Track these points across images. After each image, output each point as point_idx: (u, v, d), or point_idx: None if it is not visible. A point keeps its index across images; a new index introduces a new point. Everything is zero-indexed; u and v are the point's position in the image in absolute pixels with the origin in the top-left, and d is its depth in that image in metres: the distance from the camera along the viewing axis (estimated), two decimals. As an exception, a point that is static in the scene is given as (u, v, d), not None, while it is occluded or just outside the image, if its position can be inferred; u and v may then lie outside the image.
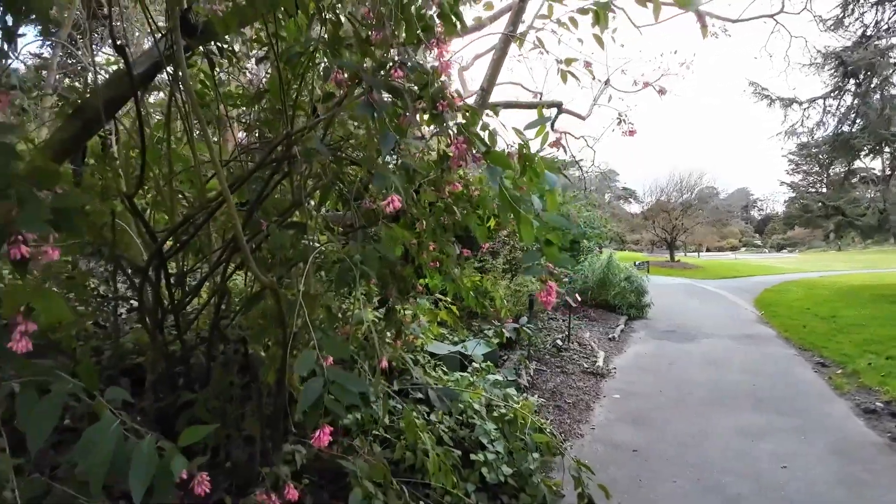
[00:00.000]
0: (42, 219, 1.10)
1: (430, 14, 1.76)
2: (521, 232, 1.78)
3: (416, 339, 4.96)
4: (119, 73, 2.06)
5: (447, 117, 1.69)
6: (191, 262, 2.63)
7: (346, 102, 1.87)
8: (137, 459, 1.24)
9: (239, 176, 2.20)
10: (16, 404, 1.18)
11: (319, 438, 1.37)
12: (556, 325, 10.14)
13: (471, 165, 2.08)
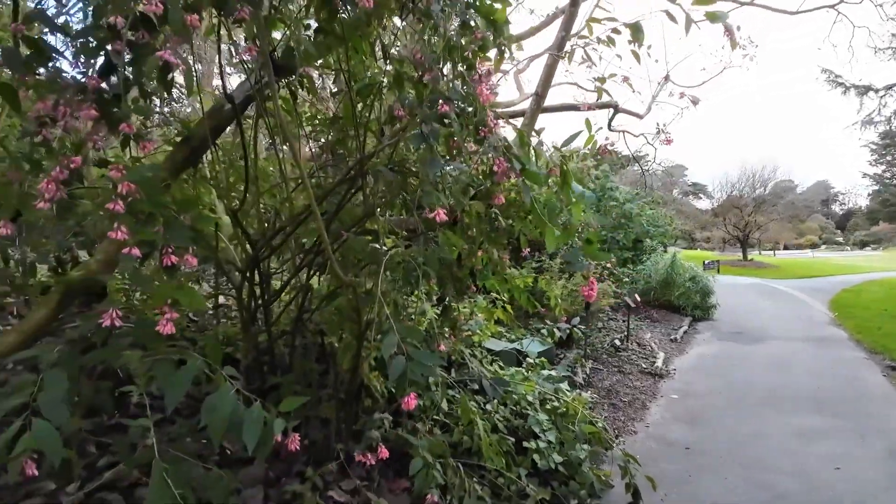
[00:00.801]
0: (185, 236, 1.47)
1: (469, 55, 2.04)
2: (547, 240, 2.02)
3: (473, 335, 5.24)
4: (218, 106, 2.45)
5: (490, 141, 1.97)
6: (274, 265, 3.03)
7: (408, 128, 2.17)
8: (249, 419, 1.59)
9: (325, 190, 2.57)
10: (157, 374, 1.56)
11: (408, 402, 1.71)
12: (616, 326, 10.14)
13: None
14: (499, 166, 1.96)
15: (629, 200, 15.52)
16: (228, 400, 1.58)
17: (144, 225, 1.42)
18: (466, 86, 2.02)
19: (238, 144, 2.66)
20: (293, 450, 1.77)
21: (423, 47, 1.98)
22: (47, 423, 1.38)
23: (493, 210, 2.45)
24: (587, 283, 2.06)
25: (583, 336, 7.75)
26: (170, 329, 1.48)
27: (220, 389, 1.61)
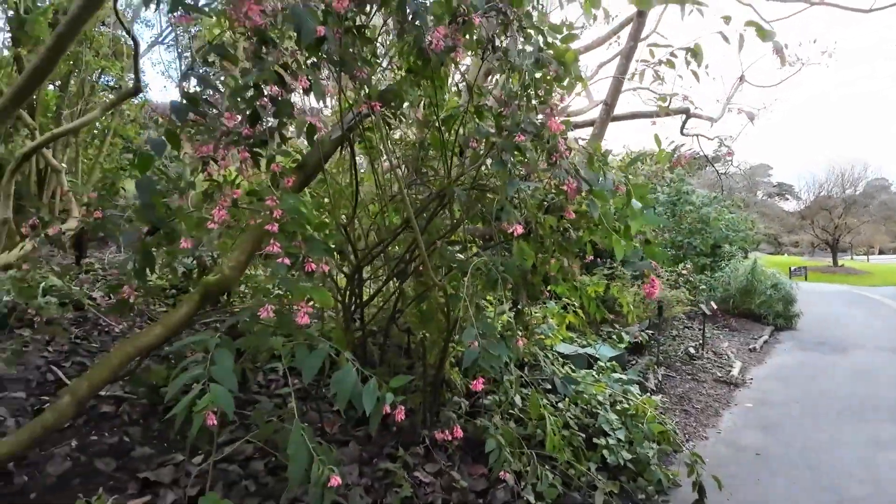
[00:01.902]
0: (320, 250, 1.87)
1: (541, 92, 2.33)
2: (616, 251, 2.27)
3: (546, 339, 5.47)
4: (325, 137, 2.87)
5: (560, 164, 2.26)
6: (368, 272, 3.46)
7: (487, 153, 2.50)
8: (367, 391, 1.98)
9: (419, 207, 2.96)
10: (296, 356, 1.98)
11: (476, 385, 2.04)
12: (692, 334, 9.99)
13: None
14: (569, 186, 2.25)
15: (707, 204, 15.08)
16: (351, 375, 1.98)
17: (289, 239, 1.84)
18: (539, 118, 2.32)
19: (341, 169, 3.09)
20: (399, 419, 2.11)
21: (502, 84, 2.31)
22: (222, 387, 1.81)
23: (565, 222, 2.71)
24: (648, 280, 2.30)
25: (652, 341, 7.76)
26: (306, 320, 1.88)
27: (345, 368, 2.01)
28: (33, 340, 3.80)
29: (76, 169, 7.41)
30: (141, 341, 2.66)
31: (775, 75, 14.09)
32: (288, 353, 1.99)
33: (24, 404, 3.14)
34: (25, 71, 2.97)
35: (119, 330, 4.21)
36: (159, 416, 3.20)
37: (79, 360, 3.80)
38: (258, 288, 3.13)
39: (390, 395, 2.03)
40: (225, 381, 1.81)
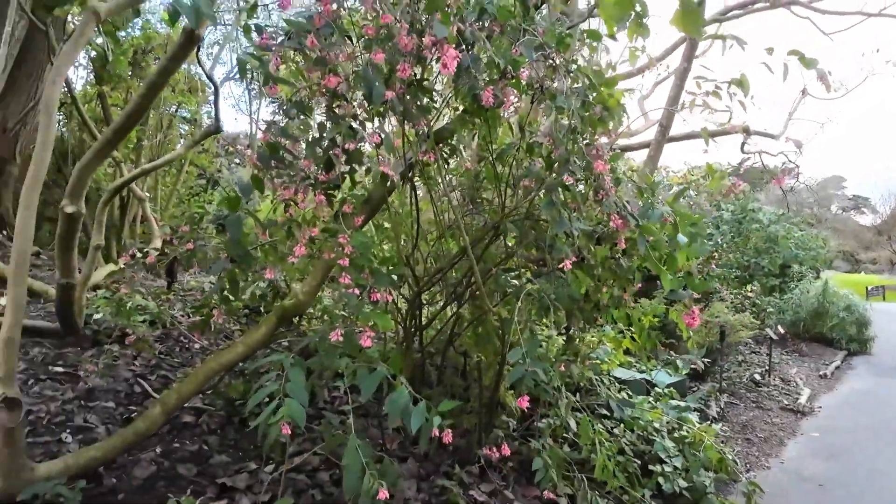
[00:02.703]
0: (385, 282, 2.06)
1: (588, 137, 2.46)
2: (663, 282, 2.34)
3: (601, 363, 5.46)
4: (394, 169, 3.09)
5: (607, 201, 2.37)
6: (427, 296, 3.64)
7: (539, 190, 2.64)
8: (416, 412, 2.14)
9: (475, 237, 3.13)
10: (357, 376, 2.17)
11: (521, 402, 2.16)
12: (759, 360, 9.61)
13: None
14: (614, 222, 2.37)
15: (774, 222, 14.48)
16: (404, 397, 2.15)
17: (358, 271, 2.05)
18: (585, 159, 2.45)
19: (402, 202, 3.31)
20: (447, 441, 2.25)
21: (552, 122, 2.45)
22: (295, 401, 2.02)
23: (617, 250, 2.80)
24: (689, 311, 2.35)
25: (715, 367, 7.55)
26: (368, 343, 2.08)
27: (398, 390, 2.18)
28: (122, 355, 4.18)
29: (155, 195, 8.06)
30: (224, 358, 2.94)
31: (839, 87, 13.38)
32: (350, 373, 2.18)
33: (113, 413, 3.46)
34: (121, 114, 3.36)
35: (198, 346, 4.56)
36: (236, 427, 3.47)
37: (163, 373, 4.15)
38: (329, 312, 3.38)
39: (438, 419, 2.19)
40: (297, 396, 2.03)
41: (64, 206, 3.40)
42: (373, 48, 2.09)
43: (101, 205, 4.26)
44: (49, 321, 4.41)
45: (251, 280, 3.11)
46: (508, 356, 2.21)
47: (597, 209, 3.05)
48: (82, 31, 2.59)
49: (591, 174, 2.42)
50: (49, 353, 4.02)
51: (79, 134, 7.46)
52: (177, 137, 9.08)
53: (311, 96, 2.27)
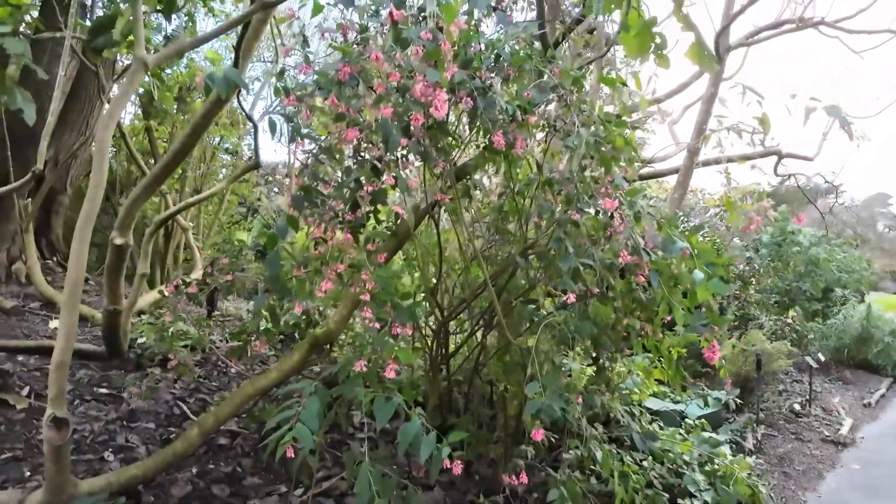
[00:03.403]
0: (406, 316, 2.18)
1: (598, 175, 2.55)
2: (675, 317, 2.37)
3: (632, 394, 5.40)
4: (415, 207, 3.21)
5: (615, 238, 2.44)
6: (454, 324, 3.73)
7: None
8: (425, 442, 2.22)
9: (497, 270, 3.22)
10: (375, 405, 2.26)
11: (536, 434, 2.21)
12: (800, 388, 9.29)
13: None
14: (623, 258, 2.43)
15: (815, 244, 14.05)
16: (415, 427, 2.24)
17: (380, 306, 2.16)
18: (594, 197, 2.53)
19: (428, 234, 3.44)
20: (457, 472, 2.31)
21: (569, 159, 2.55)
22: (306, 427, 2.13)
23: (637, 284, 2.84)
24: (709, 345, 2.37)
25: (746, 399, 7.33)
26: (392, 374, 2.18)
27: (412, 420, 2.27)
28: (164, 378, 4.38)
29: (198, 224, 8.42)
30: (260, 383, 3.08)
31: (874, 104, 13.07)
32: (367, 402, 2.29)
33: (153, 434, 3.63)
34: (168, 154, 3.60)
35: (235, 371, 4.74)
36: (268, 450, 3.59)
37: (201, 396, 4.33)
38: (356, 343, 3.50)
39: (446, 450, 2.26)
40: (309, 423, 2.14)
41: (113, 238, 3.63)
42: (382, 103, 2.24)
43: (147, 236, 4.52)
44: (95, 345, 4.65)
45: (286, 309, 3.26)
46: (526, 389, 2.27)
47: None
48: (132, 80, 2.82)
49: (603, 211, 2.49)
50: (94, 376, 4.24)
51: (126, 165, 7.90)
52: (219, 168, 9.51)
53: (340, 142, 2.43)
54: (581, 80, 2.67)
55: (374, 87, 2.27)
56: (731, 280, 10.82)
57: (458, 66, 2.25)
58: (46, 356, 4.28)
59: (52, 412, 2.55)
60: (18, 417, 3.39)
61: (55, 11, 5.27)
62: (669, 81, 33.52)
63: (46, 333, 5.23)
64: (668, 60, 3.61)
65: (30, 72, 4.83)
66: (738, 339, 8.70)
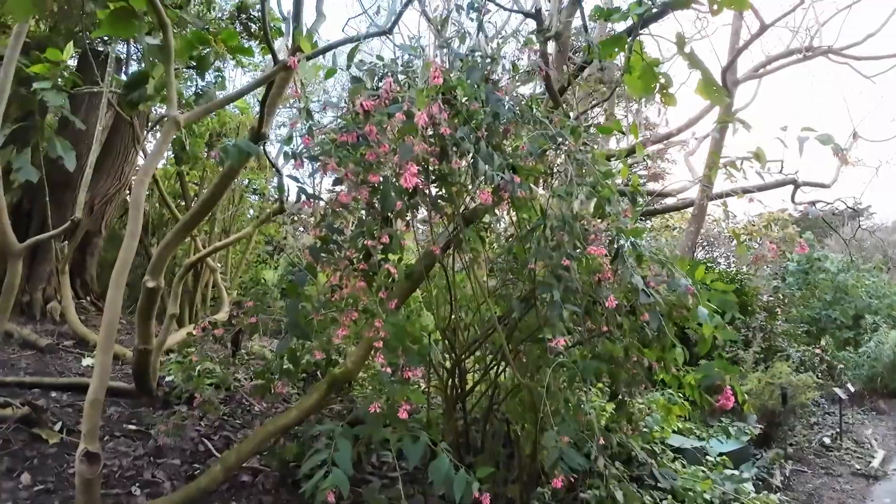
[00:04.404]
0: (416, 360, 2.30)
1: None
2: (678, 357, 2.44)
3: (653, 431, 5.33)
4: (428, 252, 3.34)
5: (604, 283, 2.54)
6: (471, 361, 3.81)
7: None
8: (458, 479, 2.30)
9: (505, 311, 3.31)
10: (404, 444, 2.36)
11: (556, 483, 2.27)
12: (832, 421, 9.03)
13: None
14: (609, 303, 2.54)
15: (843, 270, 13.77)
16: (445, 464, 2.32)
17: (393, 353, 2.29)
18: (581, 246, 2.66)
19: (441, 275, 3.57)
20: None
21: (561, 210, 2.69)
22: (341, 471, 2.23)
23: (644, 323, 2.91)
24: (722, 393, 2.41)
25: (774, 434, 7.16)
26: (405, 416, 2.28)
27: (441, 457, 2.37)
28: (190, 415, 4.52)
29: (226, 263, 8.71)
30: (280, 422, 3.20)
31: (891, 126, 12.99)
32: (396, 441, 2.38)
33: (178, 470, 3.73)
34: (199, 202, 3.83)
35: (258, 409, 4.87)
36: (288, 488, 3.67)
37: (225, 433, 4.44)
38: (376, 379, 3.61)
39: (476, 484, 2.32)
40: (343, 465, 2.24)
41: (146, 281, 3.84)
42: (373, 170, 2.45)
43: (177, 278, 4.74)
44: (126, 382, 4.82)
45: (306, 349, 3.40)
46: (543, 440, 2.36)
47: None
48: (165, 138, 3.05)
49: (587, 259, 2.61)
50: (124, 412, 4.39)
51: (158, 208, 8.26)
52: (246, 209, 9.86)
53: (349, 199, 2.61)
54: (578, 130, 2.81)
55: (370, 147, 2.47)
56: (756, 311, 10.72)
57: (460, 123, 2.42)
58: (79, 393, 4.47)
59: (85, 447, 2.70)
60: (51, 451, 3.53)
61: (92, 66, 5.68)
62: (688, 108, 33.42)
63: (79, 371, 5.44)
64: (674, 99, 3.74)
65: (67, 121, 5.18)
66: (764, 371, 8.54)
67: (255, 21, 6.57)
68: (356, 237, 2.59)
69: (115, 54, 5.27)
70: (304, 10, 3.52)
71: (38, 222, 6.99)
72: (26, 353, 5.59)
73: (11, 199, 4.44)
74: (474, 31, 3.38)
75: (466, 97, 2.61)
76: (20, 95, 4.55)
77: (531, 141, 2.60)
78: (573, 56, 5.74)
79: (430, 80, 2.47)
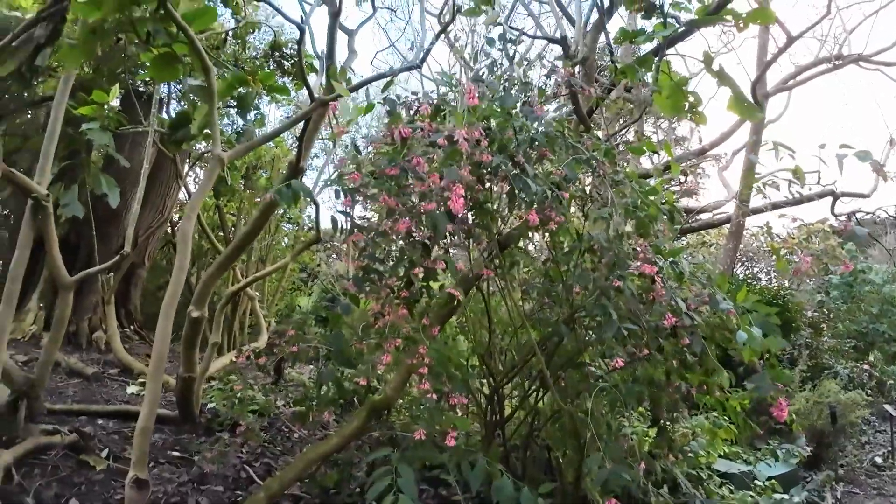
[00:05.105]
0: (461, 387, 2.32)
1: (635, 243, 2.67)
2: (723, 381, 2.40)
3: (699, 456, 5.18)
4: (465, 276, 3.38)
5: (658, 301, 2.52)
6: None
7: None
8: (524, 496, 2.31)
9: (544, 336, 3.32)
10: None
11: None
12: (883, 439, 8.62)
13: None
14: (668, 321, 2.51)
15: (889, 281, 13.21)
16: (508, 485, 2.34)
17: (437, 378, 2.32)
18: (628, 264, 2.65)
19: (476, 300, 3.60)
20: None
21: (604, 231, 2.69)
22: (408, 497, 2.26)
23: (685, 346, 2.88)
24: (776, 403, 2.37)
25: (824, 455, 6.87)
26: (452, 443, 2.30)
27: (502, 480, 2.40)
28: (231, 442, 4.59)
29: (262, 291, 8.92)
30: (321, 449, 3.24)
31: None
32: (454, 466, 2.40)
33: (221, 496, 3.78)
34: (240, 235, 3.97)
35: (297, 436, 4.92)
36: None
37: (266, 461, 4.50)
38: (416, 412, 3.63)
39: (541, 500, 2.32)
40: (408, 492, 2.27)
41: (191, 312, 3.98)
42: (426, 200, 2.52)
43: (219, 307, 4.89)
44: (169, 409, 4.95)
45: (346, 376, 3.45)
46: (587, 462, 2.34)
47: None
48: (210, 176, 3.19)
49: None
50: (168, 439, 4.49)
51: (198, 239, 8.55)
52: (282, 238, 10.13)
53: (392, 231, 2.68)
54: (612, 153, 2.84)
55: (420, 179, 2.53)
56: (800, 327, 10.38)
57: (495, 151, 2.48)
58: (124, 420, 4.61)
59: (134, 474, 2.78)
60: (98, 478, 3.61)
61: (135, 105, 5.97)
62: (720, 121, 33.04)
63: (125, 398, 5.61)
64: (704, 117, 3.73)
65: (112, 158, 5.45)
66: (811, 390, 8.24)
67: (288, 58, 6.83)
68: (398, 265, 2.65)
69: (158, 95, 5.52)
70: (336, 47, 3.67)
71: (84, 255, 7.32)
72: (73, 382, 5.79)
73: (59, 233, 4.66)
74: (500, 59, 3.47)
75: (500, 125, 2.67)
76: (67, 135, 4.79)
77: (567, 166, 2.63)
78: (598, 76, 5.79)
79: (467, 102, 2.54)
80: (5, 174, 3.31)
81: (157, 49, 3.23)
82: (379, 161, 2.68)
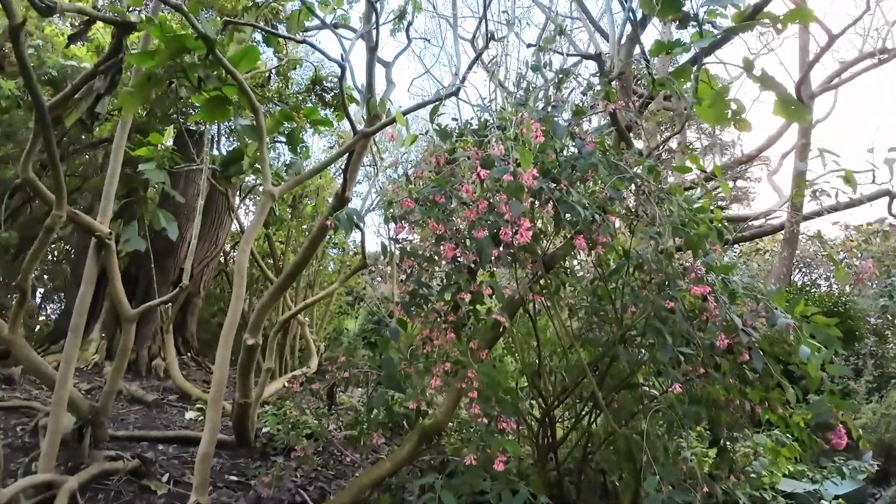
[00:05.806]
0: (510, 411, 2.32)
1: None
2: (789, 397, 2.30)
3: (761, 477, 4.95)
4: (511, 298, 3.38)
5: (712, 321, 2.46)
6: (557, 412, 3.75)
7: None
8: None
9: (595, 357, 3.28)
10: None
11: None
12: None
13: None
14: (720, 342, 2.44)
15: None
16: None
17: (486, 402, 2.33)
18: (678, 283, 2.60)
19: (524, 322, 3.59)
20: None
21: (653, 251, 2.65)
22: None
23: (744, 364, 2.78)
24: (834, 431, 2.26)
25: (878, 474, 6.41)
26: (501, 467, 2.29)
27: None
28: (286, 466, 4.67)
29: (311, 316, 9.14)
30: (374, 474, 3.28)
31: None
32: (496, 494, 2.39)
33: (277, 520, 3.87)
34: (292, 264, 4.10)
35: (349, 459, 4.97)
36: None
37: (320, 484, 4.55)
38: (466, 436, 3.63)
39: None
40: None
41: (246, 339, 4.11)
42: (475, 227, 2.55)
43: (272, 334, 5.05)
44: (225, 434, 5.09)
45: (396, 400, 3.48)
46: (644, 486, 2.28)
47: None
48: (263, 209, 3.32)
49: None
50: (225, 463, 4.60)
51: (250, 267, 8.88)
52: (329, 264, 10.40)
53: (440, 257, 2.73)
54: (657, 170, 2.80)
55: (466, 204, 2.57)
56: (864, 335, 9.85)
57: (539, 174, 2.49)
58: (184, 445, 4.76)
59: (195, 499, 2.87)
60: (159, 502, 3.72)
61: (188, 144, 6.29)
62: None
63: (183, 424, 5.79)
64: (748, 124, 3.63)
65: (167, 194, 5.74)
66: (878, 401, 7.77)
67: (328, 91, 7.08)
68: (445, 290, 2.69)
69: (209, 134, 5.81)
70: (374, 79, 3.80)
71: (143, 286, 7.69)
72: (134, 408, 6.03)
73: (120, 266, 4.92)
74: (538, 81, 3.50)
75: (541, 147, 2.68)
76: (125, 175, 5.08)
77: (611, 186, 2.61)
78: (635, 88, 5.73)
79: (533, 140, 2.56)
80: (70, 216, 3.51)
81: (207, 93, 3.40)
82: (424, 188, 2.74)
